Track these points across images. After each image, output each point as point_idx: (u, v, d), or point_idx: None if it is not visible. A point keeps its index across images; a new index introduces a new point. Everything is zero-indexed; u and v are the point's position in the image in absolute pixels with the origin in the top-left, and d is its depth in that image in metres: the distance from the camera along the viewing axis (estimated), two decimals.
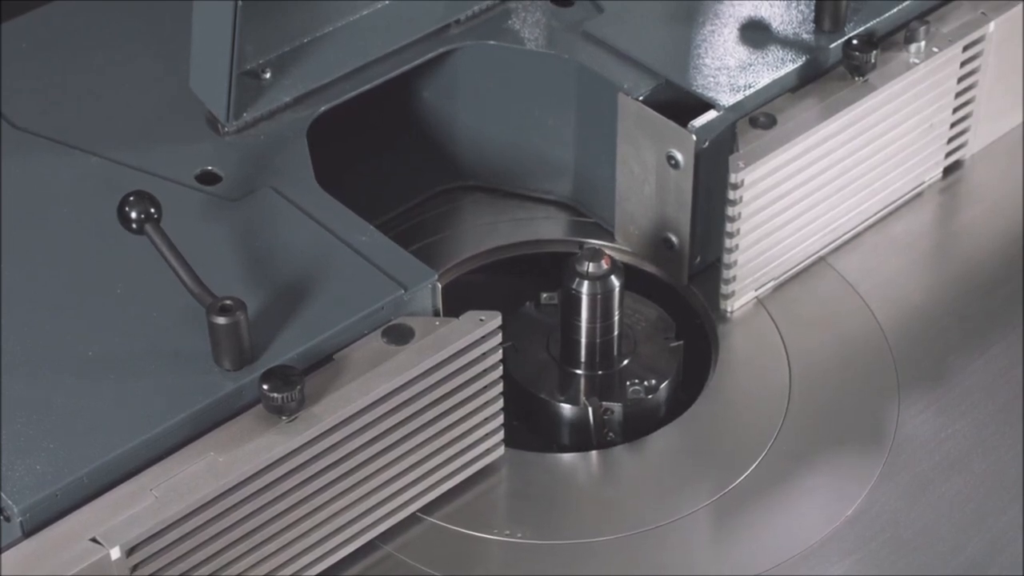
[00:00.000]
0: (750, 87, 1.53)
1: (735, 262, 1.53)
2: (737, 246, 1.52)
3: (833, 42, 1.57)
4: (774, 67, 1.55)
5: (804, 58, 1.56)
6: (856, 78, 1.54)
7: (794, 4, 1.61)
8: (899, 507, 1.41)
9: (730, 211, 1.49)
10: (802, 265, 1.60)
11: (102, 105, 1.54)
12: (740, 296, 1.56)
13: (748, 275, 1.55)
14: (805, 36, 1.58)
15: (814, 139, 1.52)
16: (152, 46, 1.60)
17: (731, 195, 1.49)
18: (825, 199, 1.57)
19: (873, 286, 1.60)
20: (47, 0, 1.67)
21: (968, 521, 1.40)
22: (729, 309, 1.56)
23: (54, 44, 1.62)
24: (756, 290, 1.57)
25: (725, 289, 1.54)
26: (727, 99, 1.52)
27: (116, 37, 1.62)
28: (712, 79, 1.53)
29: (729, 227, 1.50)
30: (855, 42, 1.54)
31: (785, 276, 1.59)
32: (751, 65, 1.55)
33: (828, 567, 1.36)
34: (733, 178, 1.47)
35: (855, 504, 1.41)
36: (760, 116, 1.51)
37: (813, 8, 1.59)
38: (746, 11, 1.61)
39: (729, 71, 1.54)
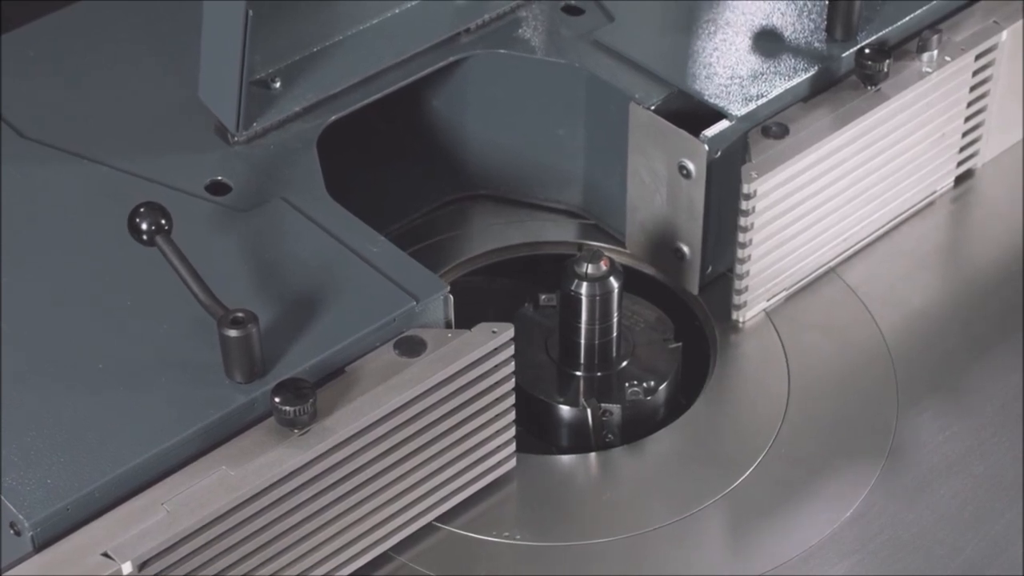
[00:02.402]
0: (762, 96, 1.52)
1: (747, 272, 1.52)
2: (750, 256, 1.51)
3: (845, 51, 1.56)
4: (786, 76, 1.54)
5: (816, 67, 1.55)
6: (868, 87, 1.54)
7: (806, 13, 1.61)
8: (898, 509, 1.41)
9: (742, 221, 1.49)
10: (814, 275, 1.59)
11: (111, 115, 1.53)
12: (752, 306, 1.55)
13: (760, 285, 1.55)
14: (817, 45, 1.57)
15: (827, 149, 1.51)
16: (161, 55, 1.59)
17: (744, 205, 1.48)
18: (837, 209, 1.57)
19: (874, 291, 1.60)
20: (54, 4, 1.67)
21: (967, 523, 1.40)
22: (741, 319, 1.55)
23: (61, 53, 1.61)
24: (768, 300, 1.56)
25: (737, 299, 1.54)
26: (739, 109, 1.51)
27: (124, 46, 1.61)
28: (724, 88, 1.53)
29: (741, 237, 1.50)
30: (867, 51, 1.53)
31: (796, 287, 1.58)
32: (763, 74, 1.54)
33: (828, 568, 1.36)
34: (746, 188, 1.47)
35: (854, 506, 1.40)
36: (772, 126, 1.51)
37: (825, 17, 1.58)
38: (758, 20, 1.61)
39: (741, 80, 1.54)
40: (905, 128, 1.58)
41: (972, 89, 1.63)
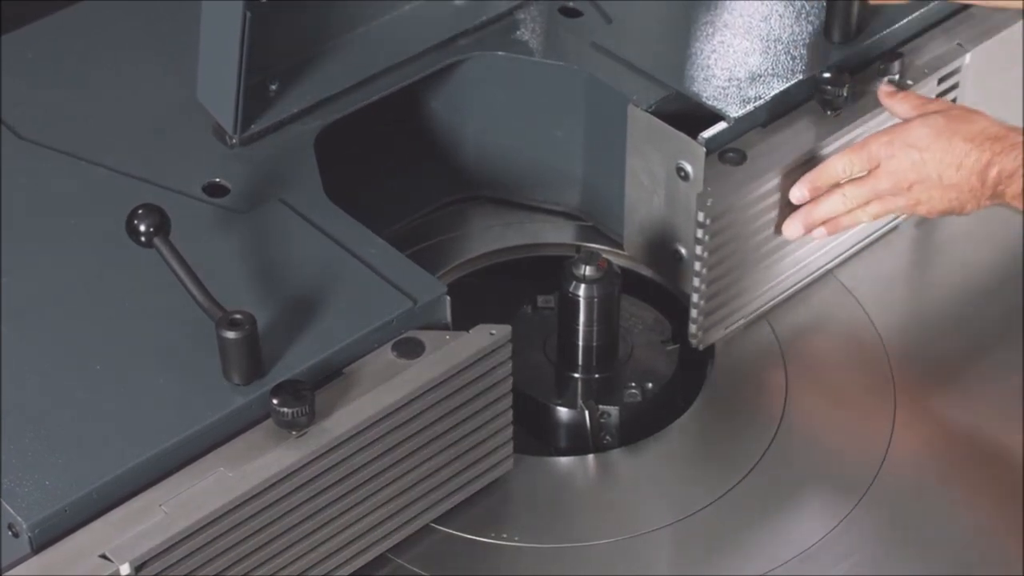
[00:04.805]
0: (760, 98, 1.52)
1: (705, 300, 1.50)
2: (707, 284, 1.49)
3: (843, 53, 1.56)
4: (784, 78, 1.54)
5: (814, 69, 1.55)
6: (828, 112, 1.52)
7: (804, 15, 1.61)
8: (897, 510, 1.41)
9: (698, 249, 1.47)
10: (775, 302, 1.57)
11: (109, 116, 1.53)
12: (710, 334, 1.53)
13: (717, 311, 1.52)
14: (815, 47, 1.57)
15: (785, 175, 1.49)
16: (160, 56, 1.59)
17: (699, 233, 1.46)
18: None
19: (872, 292, 1.59)
20: (54, 4, 1.67)
21: (967, 524, 1.40)
22: (700, 348, 1.54)
23: (59, 54, 1.61)
24: (726, 329, 1.55)
25: (693, 328, 1.52)
26: (736, 110, 1.51)
27: (123, 47, 1.61)
28: (722, 90, 1.53)
29: (697, 265, 1.47)
30: (826, 76, 1.51)
31: (756, 314, 1.56)
32: (761, 76, 1.54)
33: (827, 569, 1.36)
34: (701, 216, 1.45)
35: (853, 507, 1.40)
36: (729, 151, 1.49)
37: (823, 19, 1.58)
38: (755, 22, 1.61)
39: (739, 82, 1.53)
40: None
41: None
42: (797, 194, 1.49)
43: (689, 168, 1.49)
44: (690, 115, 1.52)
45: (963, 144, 1.42)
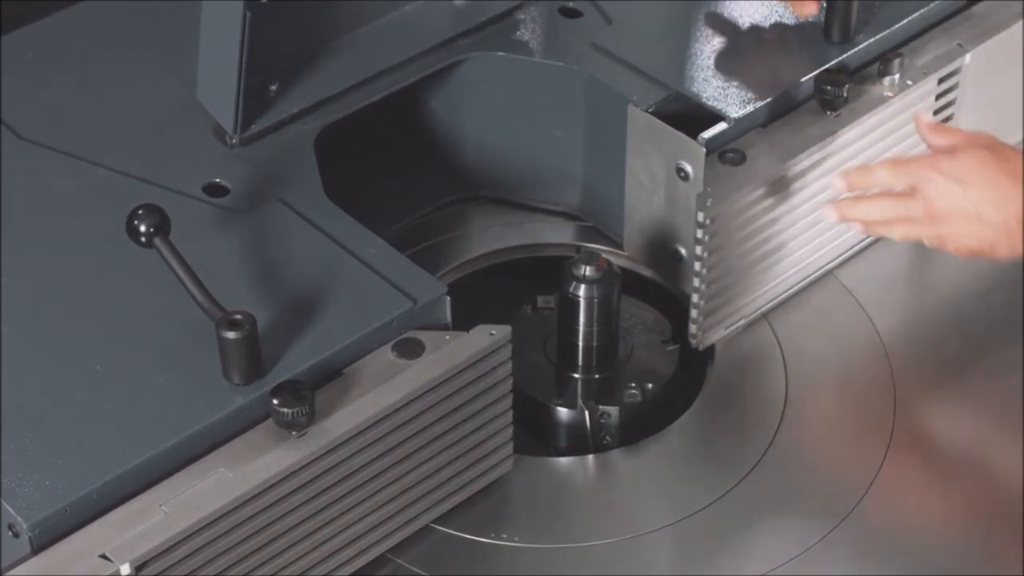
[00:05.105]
0: (760, 98, 1.52)
1: (705, 300, 1.50)
2: (707, 284, 1.49)
3: (842, 53, 1.56)
4: (783, 79, 1.54)
5: (813, 69, 1.55)
6: (828, 113, 1.52)
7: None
8: (896, 510, 1.41)
9: (698, 250, 1.47)
10: (775, 302, 1.57)
11: (109, 116, 1.53)
12: (710, 335, 1.53)
13: (717, 311, 1.53)
14: (814, 47, 1.57)
15: (785, 175, 1.49)
16: (160, 56, 1.59)
17: (699, 234, 1.46)
18: (797, 235, 1.55)
19: (871, 293, 1.60)
20: (54, 4, 1.67)
21: (966, 524, 1.40)
22: (700, 348, 1.54)
23: (59, 54, 1.61)
24: (726, 329, 1.55)
25: (693, 328, 1.52)
26: (736, 111, 1.51)
27: (123, 47, 1.62)
28: (721, 90, 1.53)
29: (698, 266, 1.47)
30: (826, 76, 1.51)
31: (756, 314, 1.56)
32: (760, 76, 1.54)
33: (826, 569, 1.36)
34: (700, 216, 1.45)
35: (853, 507, 1.40)
36: (729, 152, 1.49)
37: (822, 19, 1.58)
38: (755, 22, 1.61)
39: (739, 82, 1.54)
40: (866, 154, 1.54)
41: (936, 113, 1.59)
42: (837, 182, 1.44)
43: (689, 168, 1.49)
44: (690, 115, 1.52)
45: (1007, 181, 1.37)
